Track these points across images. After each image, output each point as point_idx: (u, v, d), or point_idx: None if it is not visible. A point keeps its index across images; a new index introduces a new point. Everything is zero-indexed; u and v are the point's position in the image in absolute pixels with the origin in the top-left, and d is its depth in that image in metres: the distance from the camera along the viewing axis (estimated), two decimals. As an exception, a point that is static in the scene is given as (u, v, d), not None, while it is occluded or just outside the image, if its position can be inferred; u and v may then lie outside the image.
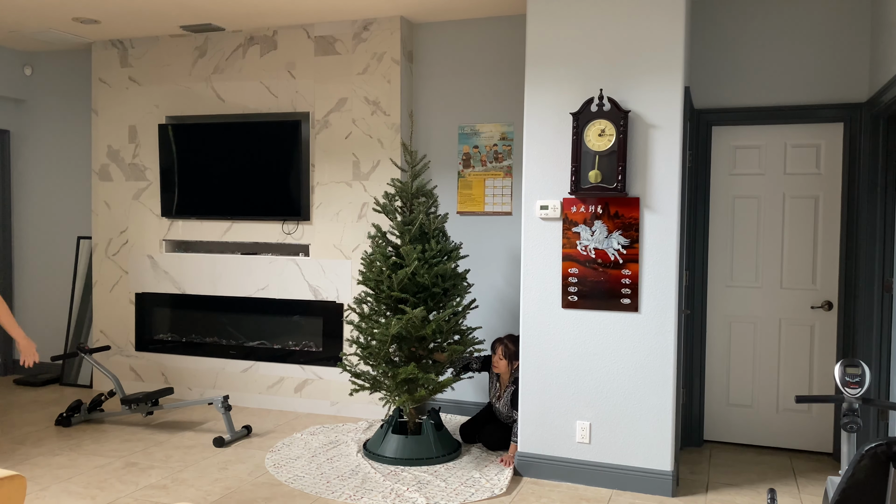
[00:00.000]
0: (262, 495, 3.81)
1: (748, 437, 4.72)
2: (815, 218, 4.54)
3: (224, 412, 4.69)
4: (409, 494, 3.80)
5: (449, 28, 5.21)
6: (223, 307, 5.66)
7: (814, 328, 4.56)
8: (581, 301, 3.96)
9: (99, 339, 6.00)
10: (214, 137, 5.51)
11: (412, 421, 4.42)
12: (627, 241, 3.88)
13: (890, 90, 3.71)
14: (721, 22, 4.60)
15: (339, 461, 4.32)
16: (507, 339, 4.43)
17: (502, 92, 5.09)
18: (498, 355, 4.41)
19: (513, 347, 4.40)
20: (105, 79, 5.91)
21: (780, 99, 4.51)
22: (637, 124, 3.85)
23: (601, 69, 3.92)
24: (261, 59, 5.47)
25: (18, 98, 6.40)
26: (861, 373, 2.74)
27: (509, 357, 4.40)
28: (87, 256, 6.26)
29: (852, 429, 2.70)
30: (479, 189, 5.17)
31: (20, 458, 4.36)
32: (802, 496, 3.89)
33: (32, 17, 5.25)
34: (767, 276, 4.64)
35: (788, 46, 4.48)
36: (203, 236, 5.66)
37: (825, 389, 4.55)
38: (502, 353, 4.39)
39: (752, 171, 4.65)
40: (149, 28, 5.50)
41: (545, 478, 4.08)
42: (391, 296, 4.24)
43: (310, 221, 5.39)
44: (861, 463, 1.84)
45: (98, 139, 5.94)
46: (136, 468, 4.20)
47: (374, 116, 5.20)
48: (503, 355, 4.39)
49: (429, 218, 4.33)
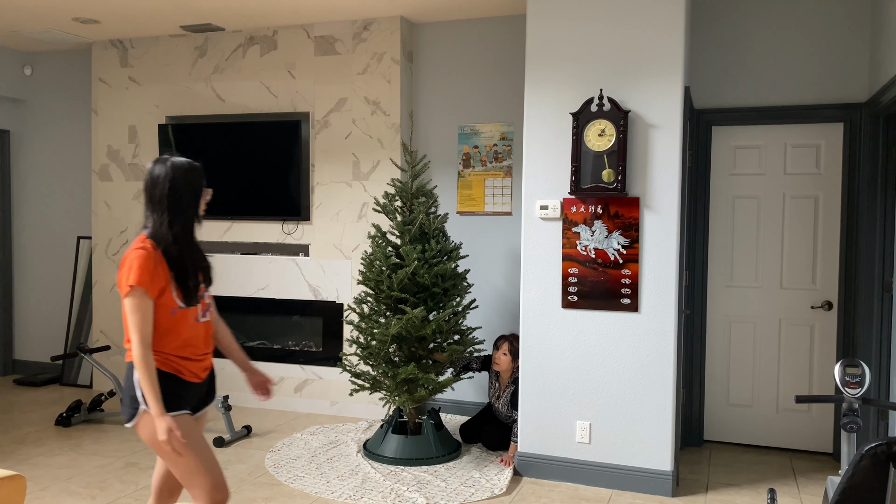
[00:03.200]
0: (262, 495, 3.81)
1: (748, 437, 4.72)
2: (815, 218, 4.54)
3: (224, 412, 4.69)
4: (409, 494, 3.80)
5: (449, 28, 5.21)
6: (223, 307, 5.66)
7: (814, 328, 4.56)
8: (581, 301, 3.96)
9: (99, 339, 6.00)
10: (214, 137, 5.51)
11: (412, 421, 4.42)
12: (627, 241, 3.88)
13: (890, 90, 3.71)
14: (721, 22, 4.60)
15: (339, 461, 4.31)
16: (512, 337, 4.43)
17: (502, 92, 5.09)
18: (503, 350, 4.39)
19: (517, 345, 4.39)
20: (105, 79, 5.91)
21: (780, 99, 4.50)
22: (637, 124, 3.85)
23: (601, 69, 3.92)
24: (261, 59, 5.47)
25: (18, 98, 6.40)
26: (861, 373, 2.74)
27: (514, 354, 4.38)
28: (87, 256, 6.26)
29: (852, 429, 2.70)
30: (479, 189, 5.17)
31: (20, 458, 4.36)
32: (802, 496, 3.89)
33: (32, 17, 5.25)
34: (767, 276, 4.64)
35: (788, 46, 4.48)
36: (203, 236, 5.66)
37: (825, 389, 4.55)
38: (507, 348, 4.38)
39: (752, 171, 4.65)
40: (149, 28, 5.50)
41: (545, 478, 4.08)
42: (391, 296, 4.24)
43: (310, 221, 5.39)
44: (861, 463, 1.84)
45: (98, 139, 5.94)
46: (136, 468, 4.20)
47: (374, 116, 5.20)
48: (508, 351, 4.38)
49: (429, 218, 4.32)
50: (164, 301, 2.43)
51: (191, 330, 2.51)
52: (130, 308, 2.36)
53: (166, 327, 2.45)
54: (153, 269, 2.38)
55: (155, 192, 2.45)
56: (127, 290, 2.36)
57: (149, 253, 2.38)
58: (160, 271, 2.40)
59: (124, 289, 2.38)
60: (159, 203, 2.44)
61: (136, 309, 2.36)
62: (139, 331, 2.36)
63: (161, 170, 2.45)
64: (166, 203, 2.44)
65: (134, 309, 2.36)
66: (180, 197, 2.46)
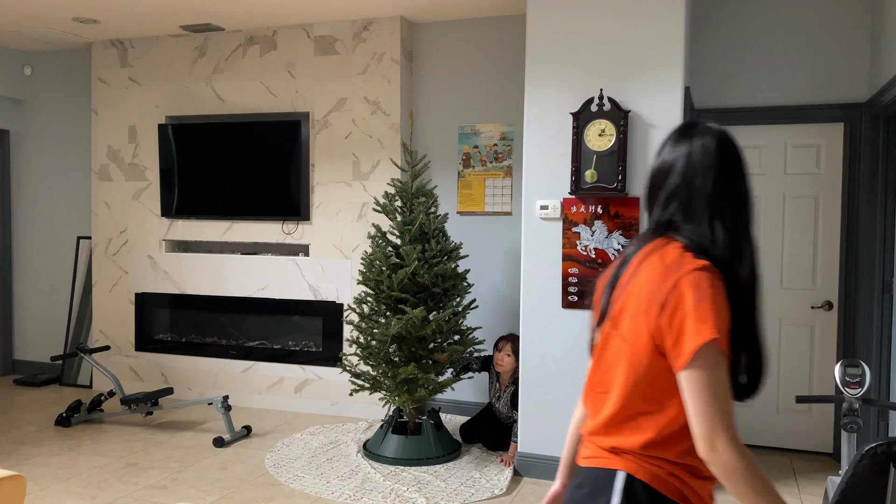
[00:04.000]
0: (262, 495, 3.81)
1: (748, 437, 4.72)
2: (815, 218, 4.54)
3: (224, 412, 4.68)
4: (409, 495, 3.80)
5: (449, 28, 5.21)
6: (223, 307, 5.66)
7: (814, 328, 4.56)
8: (581, 301, 3.96)
9: (99, 339, 6.00)
10: (214, 137, 5.51)
11: (412, 421, 4.42)
12: (628, 241, 3.88)
13: (890, 90, 3.71)
14: (721, 22, 4.60)
15: (339, 461, 4.31)
16: (513, 338, 4.42)
17: (502, 92, 5.09)
18: (506, 351, 4.38)
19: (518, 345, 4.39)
20: (105, 79, 5.91)
21: (780, 99, 4.50)
22: (637, 124, 3.85)
23: (601, 69, 3.92)
24: (261, 59, 5.47)
25: (18, 98, 6.40)
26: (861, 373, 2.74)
27: (517, 354, 4.37)
28: (86, 256, 6.25)
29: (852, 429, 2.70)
30: (479, 189, 5.16)
31: (20, 458, 4.36)
32: (802, 496, 3.89)
33: (32, 17, 5.25)
34: (767, 276, 4.64)
35: (788, 46, 4.48)
36: (203, 236, 5.66)
37: (825, 389, 4.55)
38: (510, 349, 4.37)
39: (752, 171, 4.65)
40: (149, 28, 5.50)
41: (545, 478, 4.08)
42: (391, 296, 4.24)
43: (310, 221, 5.39)
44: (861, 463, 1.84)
45: (98, 139, 5.94)
46: (136, 468, 4.19)
47: (374, 116, 5.19)
48: (511, 352, 4.37)
49: (429, 218, 4.32)
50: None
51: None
52: (704, 380, 1.29)
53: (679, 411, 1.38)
54: (724, 305, 1.35)
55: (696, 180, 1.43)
56: (697, 345, 1.29)
57: (716, 277, 1.36)
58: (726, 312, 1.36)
59: (691, 344, 1.30)
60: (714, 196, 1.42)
61: (715, 381, 1.29)
62: (725, 415, 1.29)
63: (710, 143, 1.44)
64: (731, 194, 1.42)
65: (713, 381, 1.29)
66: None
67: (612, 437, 1.41)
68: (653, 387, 1.37)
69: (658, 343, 1.35)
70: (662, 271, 1.36)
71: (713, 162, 1.41)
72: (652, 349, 1.36)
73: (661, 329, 1.33)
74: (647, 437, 1.37)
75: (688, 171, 1.42)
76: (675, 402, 1.36)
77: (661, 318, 1.33)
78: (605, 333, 1.46)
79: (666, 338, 1.33)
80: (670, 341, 1.32)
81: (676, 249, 1.39)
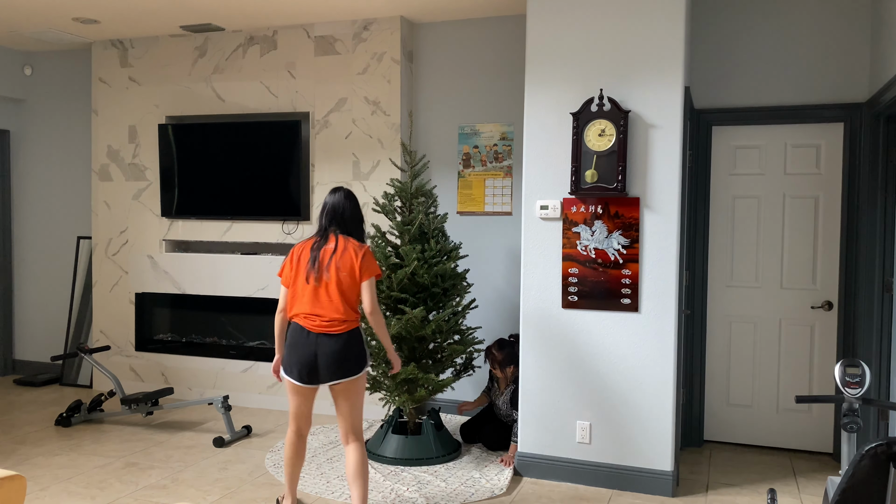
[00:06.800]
0: (262, 495, 3.81)
1: (748, 437, 4.72)
2: (815, 218, 4.54)
3: (224, 412, 4.69)
4: (409, 494, 3.80)
5: (449, 28, 5.21)
6: (223, 307, 5.66)
7: (814, 328, 4.56)
8: (581, 301, 3.96)
9: (99, 339, 6.00)
10: (214, 137, 5.51)
11: (412, 421, 4.42)
12: (627, 241, 3.88)
13: (890, 90, 3.71)
14: (721, 22, 4.60)
15: (339, 461, 4.31)
16: (495, 348, 4.42)
17: (502, 92, 5.09)
18: (496, 371, 4.44)
19: (500, 355, 4.39)
20: (105, 79, 5.91)
21: (780, 99, 4.50)
22: (637, 124, 3.85)
23: (601, 69, 3.92)
24: (261, 59, 5.47)
25: (18, 98, 6.40)
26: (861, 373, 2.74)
27: (500, 365, 4.39)
28: (87, 256, 6.26)
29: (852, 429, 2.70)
30: (479, 189, 5.17)
31: (20, 458, 4.36)
32: (802, 496, 3.89)
33: (32, 17, 5.25)
34: (767, 276, 4.64)
35: (789, 46, 4.48)
36: (203, 236, 5.66)
37: (825, 389, 4.55)
38: (501, 359, 4.40)
39: (752, 171, 4.65)
40: (149, 28, 5.50)
41: (545, 478, 4.08)
42: (391, 296, 4.24)
43: (310, 221, 5.39)
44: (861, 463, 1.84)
45: (98, 139, 5.94)
46: (136, 468, 4.20)
47: (374, 116, 5.20)
48: (501, 361, 4.40)
49: (428, 218, 4.33)
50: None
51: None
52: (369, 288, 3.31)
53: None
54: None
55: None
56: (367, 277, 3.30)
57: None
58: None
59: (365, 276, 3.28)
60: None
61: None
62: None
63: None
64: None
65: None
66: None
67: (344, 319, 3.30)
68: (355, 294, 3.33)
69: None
70: (356, 249, 3.28)
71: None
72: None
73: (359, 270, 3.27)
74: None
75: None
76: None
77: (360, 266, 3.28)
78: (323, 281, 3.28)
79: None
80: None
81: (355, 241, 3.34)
